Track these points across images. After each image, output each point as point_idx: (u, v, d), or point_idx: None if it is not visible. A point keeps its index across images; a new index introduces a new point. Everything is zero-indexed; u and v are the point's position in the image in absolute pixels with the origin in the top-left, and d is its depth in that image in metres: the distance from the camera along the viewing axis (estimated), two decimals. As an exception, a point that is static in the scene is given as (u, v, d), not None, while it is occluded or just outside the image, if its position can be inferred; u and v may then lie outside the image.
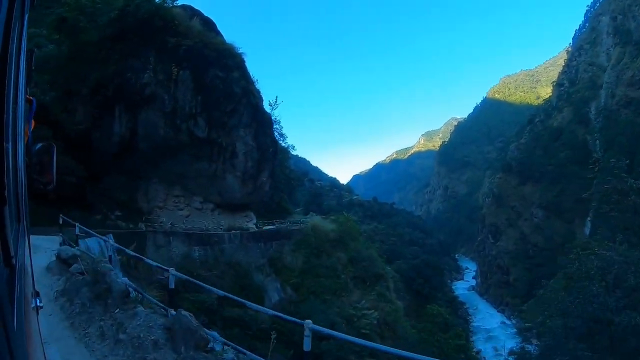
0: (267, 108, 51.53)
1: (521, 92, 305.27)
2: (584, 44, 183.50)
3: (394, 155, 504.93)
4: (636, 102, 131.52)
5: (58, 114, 37.27)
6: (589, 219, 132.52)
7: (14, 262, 1.82)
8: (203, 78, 44.33)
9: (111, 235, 23.25)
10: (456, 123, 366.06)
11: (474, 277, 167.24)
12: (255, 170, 49.70)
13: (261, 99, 50.33)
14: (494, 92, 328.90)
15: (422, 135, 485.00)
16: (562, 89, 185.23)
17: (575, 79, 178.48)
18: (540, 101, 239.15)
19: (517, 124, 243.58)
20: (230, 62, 46.36)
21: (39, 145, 3.16)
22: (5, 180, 1.54)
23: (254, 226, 52.44)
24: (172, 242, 37.34)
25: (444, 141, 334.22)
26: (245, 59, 49.05)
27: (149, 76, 42.71)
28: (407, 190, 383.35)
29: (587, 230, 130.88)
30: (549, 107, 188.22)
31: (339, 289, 47.93)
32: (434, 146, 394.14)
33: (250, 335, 30.98)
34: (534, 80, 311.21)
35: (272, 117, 52.50)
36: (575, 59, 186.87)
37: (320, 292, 45.64)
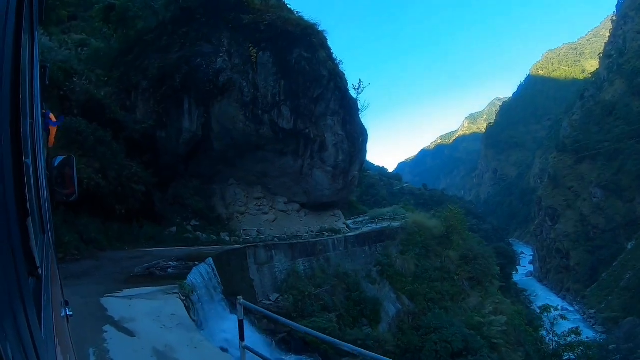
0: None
1: (565, 67, 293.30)
2: (629, 11, 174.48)
3: (439, 141, 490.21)
4: None
5: (116, 112, 29.85)
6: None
7: (40, 272, 1.86)
8: (287, 60, 35.74)
9: (210, 259, 19.30)
10: (500, 104, 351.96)
11: (530, 262, 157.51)
12: (346, 164, 41.23)
13: (346, 82, 41.69)
14: (538, 69, 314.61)
15: (466, 118, 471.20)
16: (610, 60, 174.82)
17: (623, 49, 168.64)
18: (586, 75, 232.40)
19: (565, 100, 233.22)
20: (315, 39, 37.82)
21: (60, 158, 3.16)
22: (27, 194, 1.58)
23: (345, 226, 44.56)
24: (275, 257, 29.21)
25: (490, 123, 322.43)
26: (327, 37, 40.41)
27: (222, 61, 34.28)
28: (454, 176, 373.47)
29: None
30: (598, 81, 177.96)
31: (456, 293, 40.19)
32: (478, 129, 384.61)
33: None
34: (578, 53, 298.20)
35: (358, 102, 43.54)
36: (622, 28, 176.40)
37: (438, 299, 37.77)
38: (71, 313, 3.42)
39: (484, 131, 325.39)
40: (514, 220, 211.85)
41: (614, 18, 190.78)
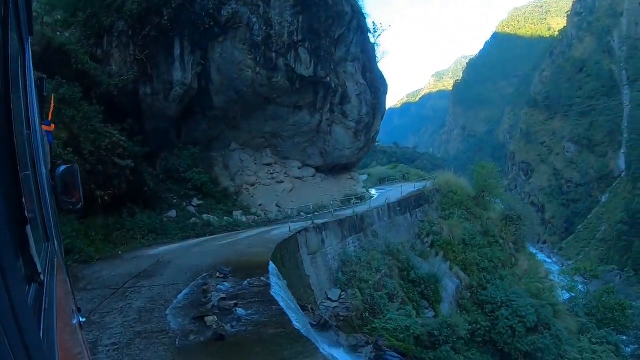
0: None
1: (531, 24, 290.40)
2: None
3: (405, 99, 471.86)
4: None
5: (85, 62, 20.75)
6: (622, 151, 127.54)
7: (42, 278, 1.83)
8: (305, -12, 26.95)
9: (271, 264, 12.22)
10: (466, 61, 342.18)
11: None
12: (370, 117, 33.30)
13: (367, 23, 33.20)
14: (504, 26, 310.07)
15: (432, 76, 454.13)
16: (579, 18, 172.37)
17: (593, 7, 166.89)
18: (552, 32, 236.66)
19: (531, 57, 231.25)
20: (335, -32, 28.82)
21: (62, 167, 3.10)
22: (25, 203, 1.57)
23: (365, 190, 37.43)
24: (326, 240, 20.86)
25: (456, 80, 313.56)
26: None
27: (226, -11, 25.16)
28: (421, 133, 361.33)
29: (621, 164, 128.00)
30: (566, 38, 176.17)
31: (506, 258, 33.20)
32: (444, 86, 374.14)
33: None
34: (543, 11, 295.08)
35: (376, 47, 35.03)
36: None
37: (491, 268, 30.63)
38: (84, 319, 3.30)
39: (450, 88, 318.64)
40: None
41: None
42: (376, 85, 33.68)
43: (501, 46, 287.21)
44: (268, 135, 29.26)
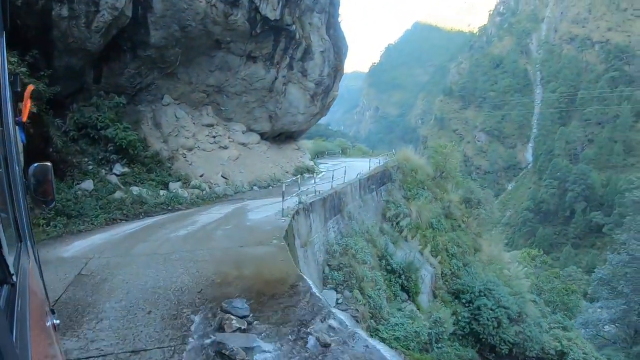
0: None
1: (452, 18, 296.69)
2: None
3: None
4: (579, 39, 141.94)
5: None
6: (530, 145, 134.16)
7: (14, 279, 1.79)
8: None
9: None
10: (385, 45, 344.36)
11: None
12: (331, 80, 27.95)
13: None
14: (426, 17, 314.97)
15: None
16: (501, 18, 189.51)
17: (516, 10, 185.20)
18: (471, 28, 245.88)
19: (449, 49, 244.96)
20: None
21: (36, 165, 2.91)
22: None
23: (313, 163, 31.60)
24: (313, 226, 15.73)
25: (373, 63, 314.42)
26: None
27: None
28: (334, 111, 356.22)
29: (529, 157, 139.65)
30: (485, 35, 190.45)
31: (470, 244, 29.23)
32: (359, 68, 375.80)
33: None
34: (467, 6, 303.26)
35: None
36: None
37: (460, 254, 26.76)
38: (58, 321, 3.03)
39: (365, 70, 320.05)
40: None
41: None
42: (339, 45, 28.13)
43: (421, 35, 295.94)
44: (212, 89, 22.74)
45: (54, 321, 2.86)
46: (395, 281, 19.48)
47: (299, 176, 21.68)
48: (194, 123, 22.34)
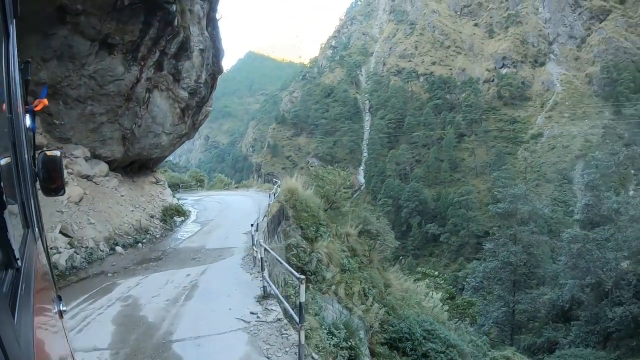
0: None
1: (284, 49, 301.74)
2: (358, 15, 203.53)
3: None
4: (406, 72, 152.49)
5: None
6: (361, 168, 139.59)
7: (20, 264, 1.76)
8: None
9: None
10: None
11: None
12: (207, 90, 20.90)
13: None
14: (259, 48, 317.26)
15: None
16: (333, 51, 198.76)
17: (347, 44, 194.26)
18: (302, 60, 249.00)
19: (280, 78, 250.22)
20: None
21: (44, 153, 2.94)
22: (3, 188, 1.49)
23: (175, 198, 23.81)
24: None
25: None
26: None
27: None
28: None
29: (361, 179, 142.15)
30: (317, 66, 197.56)
31: (380, 280, 23.96)
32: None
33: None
34: (298, 40, 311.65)
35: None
36: (348, 27, 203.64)
37: (379, 295, 21.67)
38: (65, 308, 3.07)
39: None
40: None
41: (343, 17, 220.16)
42: (218, 47, 21.04)
43: (253, 64, 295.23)
44: (43, 88, 14.58)
45: (61, 308, 2.88)
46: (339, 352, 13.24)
47: (172, 221, 14.42)
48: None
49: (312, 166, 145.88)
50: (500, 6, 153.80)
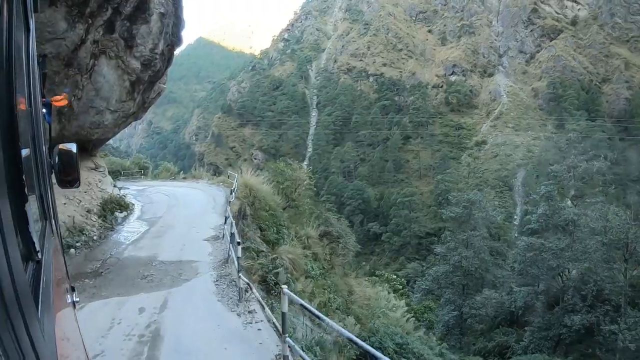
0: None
1: (236, 38, 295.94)
2: (314, 10, 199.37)
3: None
4: (356, 71, 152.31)
5: None
6: (305, 163, 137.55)
7: (40, 256, 1.77)
8: None
9: None
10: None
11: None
12: (163, 63, 17.61)
13: None
14: (210, 34, 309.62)
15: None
16: (285, 44, 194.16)
17: (300, 38, 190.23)
18: (252, 50, 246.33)
19: (229, 67, 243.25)
20: None
21: (61, 146, 2.96)
22: (25, 181, 1.50)
23: (116, 187, 20.72)
24: None
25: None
26: None
27: None
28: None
29: None
30: (267, 58, 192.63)
31: (343, 287, 22.40)
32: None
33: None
34: (250, 30, 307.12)
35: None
36: (302, 21, 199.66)
37: (344, 305, 19.79)
38: (77, 299, 3.21)
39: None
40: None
41: (298, 11, 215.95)
42: (179, 15, 17.73)
43: (203, 51, 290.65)
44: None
45: (74, 299, 2.98)
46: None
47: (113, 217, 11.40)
48: None
49: (255, 159, 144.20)
50: (455, 16, 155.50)
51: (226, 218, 13.72)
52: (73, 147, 2.94)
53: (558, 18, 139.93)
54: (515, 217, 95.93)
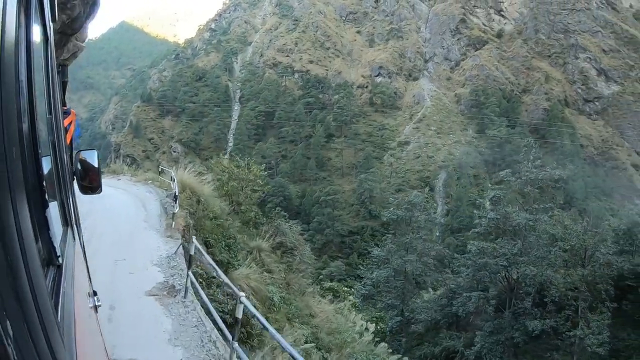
0: None
1: (160, 24, 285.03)
2: (243, 2, 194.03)
3: None
4: (282, 66, 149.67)
5: None
6: (226, 157, 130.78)
7: (61, 261, 1.78)
8: None
9: None
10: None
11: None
12: (84, 10, 8.96)
13: None
14: (133, 19, 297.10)
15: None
16: (211, 34, 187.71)
17: (227, 30, 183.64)
18: (177, 39, 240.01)
19: (151, 55, 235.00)
20: None
21: (82, 152, 3.03)
22: (45, 187, 1.54)
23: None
24: None
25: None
26: None
27: None
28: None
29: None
30: (191, 47, 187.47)
31: (304, 309, 18.32)
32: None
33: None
34: (176, 18, 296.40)
35: None
36: (230, 13, 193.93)
37: (311, 332, 15.45)
38: (100, 303, 3.09)
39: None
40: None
41: (227, 2, 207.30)
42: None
43: (125, 36, 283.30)
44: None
45: (96, 303, 2.90)
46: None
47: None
48: None
49: (174, 152, 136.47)
50: (385, 19, 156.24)
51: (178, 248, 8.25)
52: (94, 154, 3.00)
53: (485, 30, 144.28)
54: (435, 217, 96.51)
